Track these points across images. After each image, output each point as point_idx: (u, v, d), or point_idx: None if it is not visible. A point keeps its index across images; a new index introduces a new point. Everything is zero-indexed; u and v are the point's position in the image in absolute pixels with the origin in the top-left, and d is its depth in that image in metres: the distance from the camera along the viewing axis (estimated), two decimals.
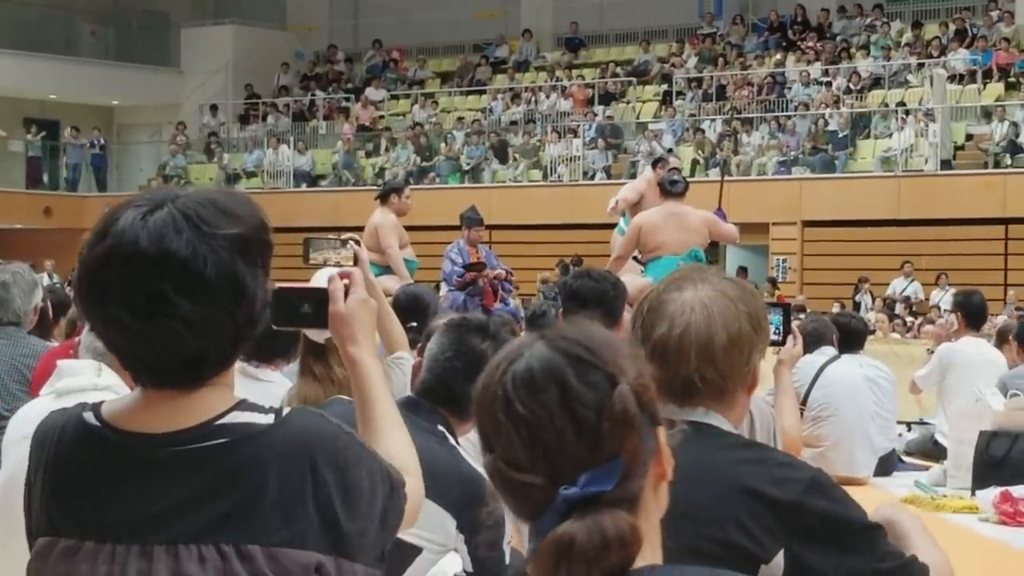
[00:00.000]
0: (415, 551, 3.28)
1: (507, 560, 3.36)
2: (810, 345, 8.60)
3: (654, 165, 11.44)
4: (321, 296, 2.28)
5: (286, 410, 1.99)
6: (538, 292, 19.88)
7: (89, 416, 1.99)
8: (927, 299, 21.50)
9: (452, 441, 3.43)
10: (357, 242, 5.98)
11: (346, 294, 2.28)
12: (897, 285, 22.18)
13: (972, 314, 9.35)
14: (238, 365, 4.66)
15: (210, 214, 1.93)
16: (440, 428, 3.41)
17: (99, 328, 1.96)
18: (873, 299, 21.78)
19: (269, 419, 1.96)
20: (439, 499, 3.27)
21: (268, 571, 1.91)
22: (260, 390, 4.39)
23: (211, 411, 1.95)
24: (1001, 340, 9.84)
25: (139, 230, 1.90)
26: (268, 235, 1.99)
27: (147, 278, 1.89)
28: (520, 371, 1.66)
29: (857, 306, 21.13)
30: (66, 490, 1.96)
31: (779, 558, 2.23)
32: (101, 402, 2.02)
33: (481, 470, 3.34)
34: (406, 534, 3.23)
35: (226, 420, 1.95)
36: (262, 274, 1.98)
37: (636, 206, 10.74)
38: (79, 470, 1.96)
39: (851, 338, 8.80)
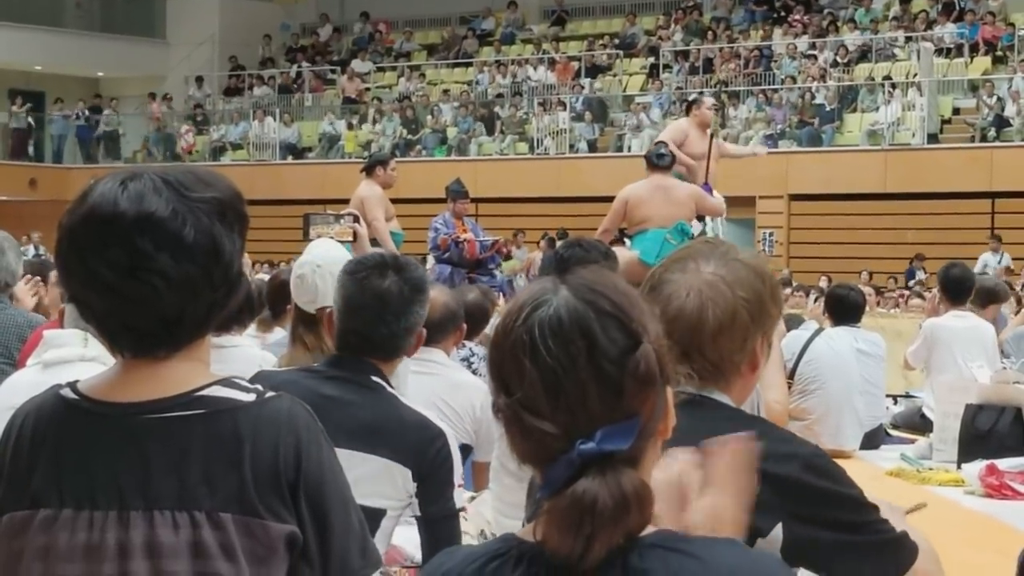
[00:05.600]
0: (380, 514, 3.27)
1: (457, 502, 3.35)
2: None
3: (687, 109, 11.39)
4: None
5: (269, 393, 1.99)
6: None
7: (66, 392, 2.00)
8: (1017, 271, 20.67)
9: (389, 389, 3.35)
10: (357, 219, 5.98)
11: None
12: (987, 260, 21.21)
13: (950, 288, 9.16)
14: None
15: (189, 180, 1.96)
16: (374, 379, 3.33)
17: (79, 291, 1.96)
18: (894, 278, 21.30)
19: (251, 397, 1.98)
20: (393, 455, 3.26)
21: (238, 540, 1.91)
22: (229, 355, 4.44)
23: (189, 383, 1.96)
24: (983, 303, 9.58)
25: (119, 194, 1.93)
26: (244, 207, 2.01)
27: (127, 235, 1.90)
28: (548, 318, 1.65)
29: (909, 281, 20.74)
30: (44, 458, 1.96)
31: (777, 531, 2.23)
32: (76, 381, 2.02)
33: (425, 413, 3.34)
34: (368, 499, 3.22)
35: (206, 392, 1.96)
36: (239, 241, 1.99)
37: (681, 146, 10.64)
38: (57, 439, 1.97)
39: (848, 310, 8.76)
